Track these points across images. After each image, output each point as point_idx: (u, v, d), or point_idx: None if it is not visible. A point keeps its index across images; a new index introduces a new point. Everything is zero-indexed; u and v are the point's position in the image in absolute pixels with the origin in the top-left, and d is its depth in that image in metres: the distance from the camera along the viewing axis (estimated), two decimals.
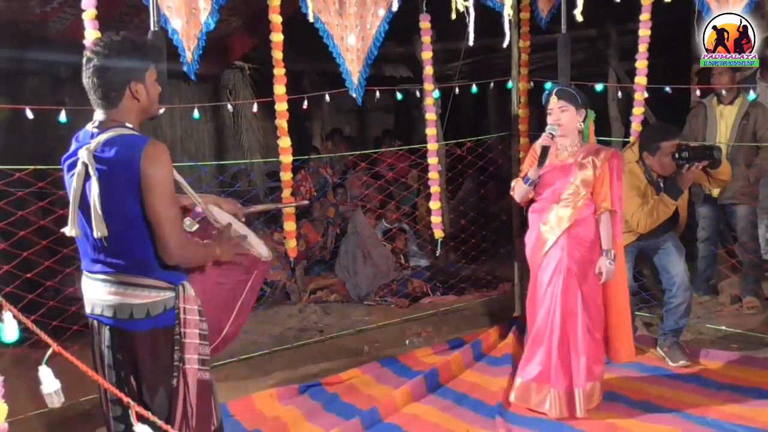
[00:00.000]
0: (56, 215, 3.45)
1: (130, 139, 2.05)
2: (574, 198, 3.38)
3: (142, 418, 1.64)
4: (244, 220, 2.59)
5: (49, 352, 1.59)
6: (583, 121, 3.46)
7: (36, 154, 4.39)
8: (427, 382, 3.84)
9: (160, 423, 1.68)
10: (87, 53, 2.11)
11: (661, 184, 3.90)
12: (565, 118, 3.39)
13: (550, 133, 3.36)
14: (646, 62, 4.40)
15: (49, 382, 1.65)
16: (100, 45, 2.10)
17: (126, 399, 1.64)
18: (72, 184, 2.08)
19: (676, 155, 3.74)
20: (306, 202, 5.59)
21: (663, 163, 3.83)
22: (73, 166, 2.09)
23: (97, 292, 2.12)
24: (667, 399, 3.56)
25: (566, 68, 4.28)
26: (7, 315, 1.52)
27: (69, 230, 2.11)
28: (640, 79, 4.44)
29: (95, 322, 2.15)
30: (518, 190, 3.55)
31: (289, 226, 4.12)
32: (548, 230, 3.42)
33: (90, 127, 2.13)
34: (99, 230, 2.01)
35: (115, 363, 2.11)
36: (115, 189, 2.01)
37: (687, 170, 3.71)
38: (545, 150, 3.37)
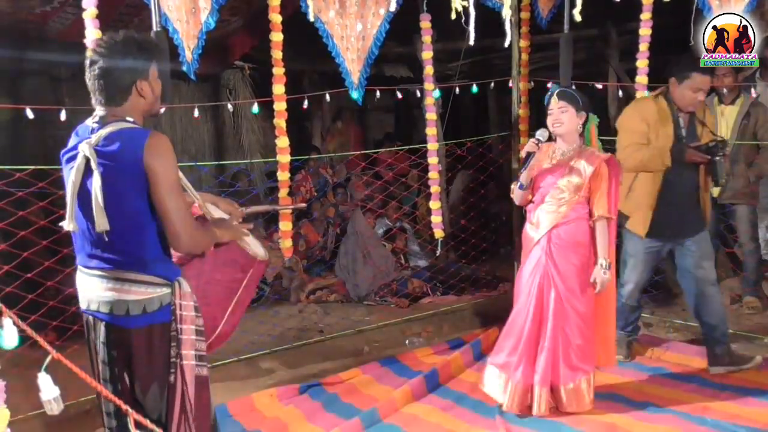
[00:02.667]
0: (56, 215, 3.45)
1: (132, 133, 2.06)
2: (558, 201, 3.38)
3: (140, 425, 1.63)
4: (241, 220, 2.59)
5: (48, 359, 1.59)
6: (584, 124, 3.46)
7: (36, 154, 4.39)
8: (427, 382, 3.84)
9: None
10: (90, 55, 2.10)
11: (681, 124, 3.74)
12: (564, 119, 3.38)
13: (537, 139, 3.36)
14: (646, 61, 4.39)
15: (48, 389, 1.65)
16: (103, 46, 2.10)
17: (124, 407, 1.64)
18: (70, 177, 2.08)
19: (711, 143, 3.66)
20: (303, 205, 5.60)
21: (686, 96, 3.67)
22: (71, 159, 2.09)
23: (93, 288, 2.12)
24: (667, 399, 3.56)
25: (567, 68, 4.27)
26: (7, 321, 1.51)
27: (67, 224, 2.11)
28: (641, 79, 4.42)
29: (90, 318, 2.15)
30: (515, 194, 3.56)
31: (285, 225, 4.11)
32: (532, 229, 3.46)
33: (90, 122, 2.14)
34: (100, 225, 2.01)
35: (110, 359, 2.12)
36: (118, 183, 2.02)
37: (697, 151, 3.64)
38: (528, 156, 3.37)
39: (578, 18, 3.33)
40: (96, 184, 2.00)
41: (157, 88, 2.19)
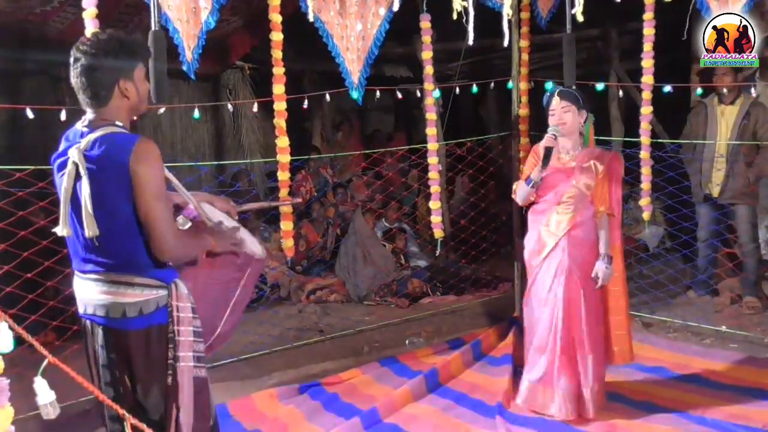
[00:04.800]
0: (56, 215, 3.46)
1: (120, 138, 2.04)
2: (575, 201, 3.38)
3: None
4: (237, 218, 2.58)
5: (45, 363, 1.58)
6: (584, 123, 3.46)
7: (36, 154, 4.38)
8: (427, 382, 3.85)
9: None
10: (74, 53, 2.09)
11: None
12: (568, 119, 3.38)
13: (553, 134, 3.34)
14: (652, 61, 4.36)
15: (44, 393, 1.64)
16: (87, 44, 2.08)
17: (121, 412, 1.64)
18: (62, 183, 2.07)
19: None
20: (299, 200, 5.57)
21: None
22: (63, 165, 2.09)
23: (89, 292, 2.11)
24: (667, 399, 3.56)
25: (572, 67, 4.26)
26: (3, 325, 1.50)
27: (60, 230, 2.11)
28: (647, 78, 4.40)
29: (88, 322, 2.15)
30: (520, 192, 3.51)
31: (286, 225, 4.10)
32: (548, 233, 3.41)
33: (80, 125, 2.12)
34: (90, 230, 2.00)
35: (110, 362, 2.11)
36: (106, 188, 2.01)
37: None
38: (549, 151, 3.33)
39: (581, 18, 3.32)
40: (84, 189, 1.99)
41: (142, 90, 2.16)
